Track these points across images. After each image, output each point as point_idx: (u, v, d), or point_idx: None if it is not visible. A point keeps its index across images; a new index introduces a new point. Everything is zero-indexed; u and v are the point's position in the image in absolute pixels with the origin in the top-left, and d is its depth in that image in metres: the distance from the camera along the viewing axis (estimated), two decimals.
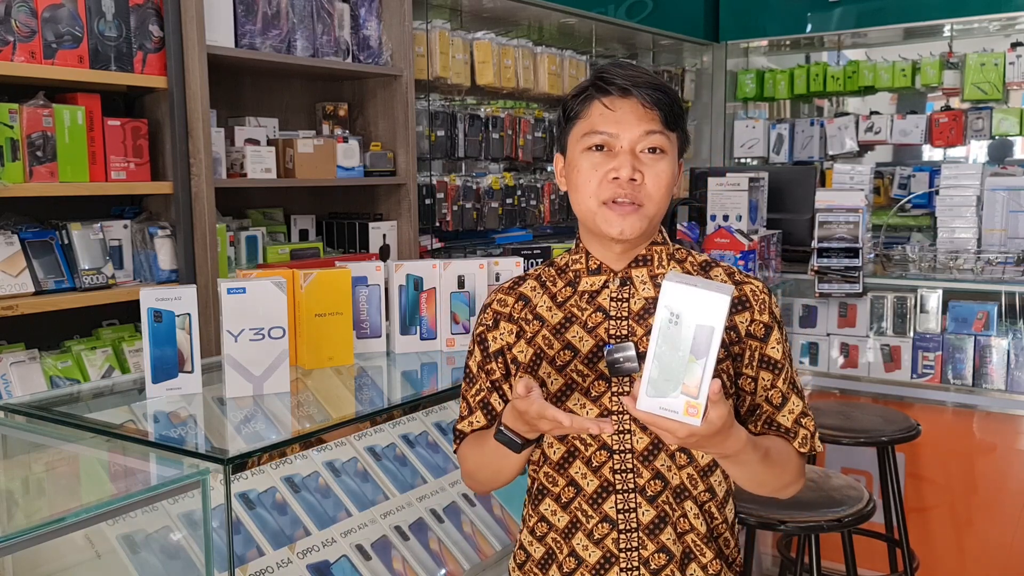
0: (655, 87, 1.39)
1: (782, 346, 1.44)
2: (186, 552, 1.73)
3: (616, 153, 1.38)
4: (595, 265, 1.47)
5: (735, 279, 1.45)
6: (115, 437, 1.68)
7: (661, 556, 1.41)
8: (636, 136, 1.38)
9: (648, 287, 1.44)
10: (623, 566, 1.41)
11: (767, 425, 1.45)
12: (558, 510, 1.46)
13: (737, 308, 1.42)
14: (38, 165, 2.48)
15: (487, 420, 1.53)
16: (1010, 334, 3.35)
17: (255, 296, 1.85)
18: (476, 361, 1.54)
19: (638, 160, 1.38)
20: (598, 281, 1.46)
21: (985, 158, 5.70)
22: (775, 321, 1.44)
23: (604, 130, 1.39)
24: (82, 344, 2.68)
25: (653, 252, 1.46)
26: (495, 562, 2.11)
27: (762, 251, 3.51)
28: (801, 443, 1.44)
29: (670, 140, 1.40)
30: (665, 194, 1.40)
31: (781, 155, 5.85)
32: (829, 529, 2.45)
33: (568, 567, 1.45)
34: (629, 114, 1.38)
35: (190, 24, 2.72)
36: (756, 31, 5.92)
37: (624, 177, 1.37)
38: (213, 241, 2.79)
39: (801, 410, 1.45)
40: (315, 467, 2.10)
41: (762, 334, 1.43)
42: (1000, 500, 3.37)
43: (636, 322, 1.42)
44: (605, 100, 1.39)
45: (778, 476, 1.42)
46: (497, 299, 1.53)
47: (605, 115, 1.39)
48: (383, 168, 3.47)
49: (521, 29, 4.91)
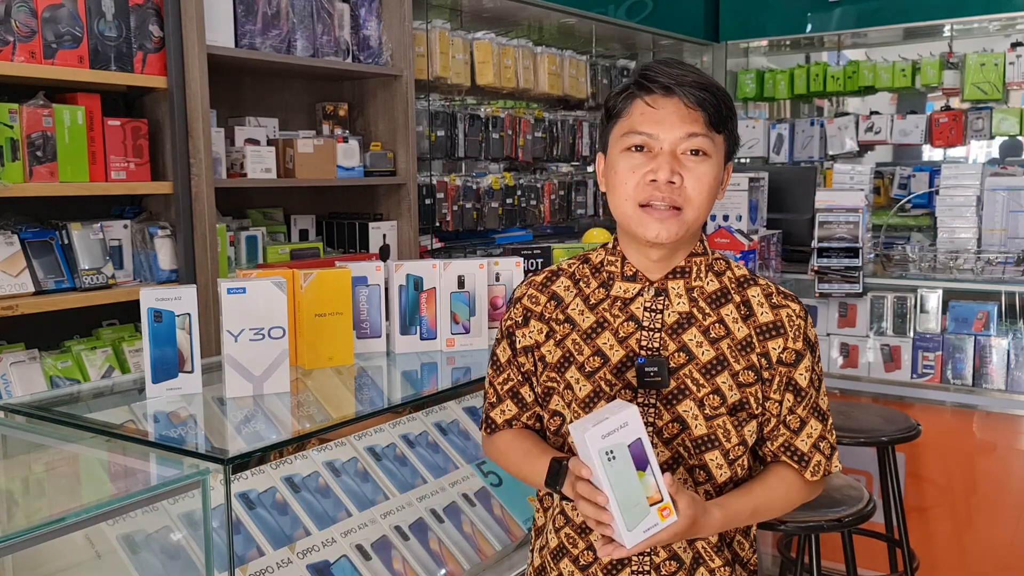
0: (701, 86, 1.34)
1: (810, 373, 1.42)
2: (186, 552, 1.73)
3: (656, 155, 1.34)
4: (631, 272, 1.43)
5: (772, 302, 1.42)
6: (115, 437, 1.68)
7: (672, 563, 1.42)
8: (677, 137, 1.33)
9: (683, 301, 1.41)
10: (635, 568, 1.42)
11: (783, 449, 1.44)
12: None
13: (771, 334, 1.40)
14: (38, 165, 2.48)
15: (518, 408, 1.53)
16: (1010, 334, 3.35)
17: (255, 296, 1.85)
18: (505, 353, 1.53)
19: (678, 162, 1.33)
20: (632, 288, 1.43)
21: (995, 156, 5.70)
22: (808, 347, 1.42)
23: (644, 130, 1.34)
24: (82, 344, 2.67)
25: (692, 264, 1.42)
26: (495, 562, 2.11)
27: (762, 251, 3.51)
28: (813, 471, 1.44)
29: (715, 143, 1.35)
30: (706, 199, 1.35)
31: (781, 155, 5.85)
32: (829, 529, 2.45)
33: (584, 560, 1.45)
34: (671, 114, 1.33)
35: (190, 24, 2.72)
36: (756, 31, 5.92)
37: (662, 180, 1.32)
38: (213, 241, 2.79)
39: (820, 434, 1.44)
40: (315, 467, 2.10)
41: (792, 360, 1.41)
42: (1000, 500, 3.37)
43: (669, 335, 1.40)
44: (647, 99, 1.34)
45: (775, 513, 1.46)
46: (528, 295, 1.50)
47: (646, 114, 1.34)
48: (383, 168, 3.47)
49: (521, 29, 4.91)
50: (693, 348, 1.39)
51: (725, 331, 1.40)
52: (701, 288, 1.42)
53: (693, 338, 1.39)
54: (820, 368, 1.46)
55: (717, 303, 1.42)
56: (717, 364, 1.39)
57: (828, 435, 1.46)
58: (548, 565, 1.51)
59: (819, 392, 1.45)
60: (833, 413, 3.07)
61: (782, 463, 1.45)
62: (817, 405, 1.45)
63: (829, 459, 1.46)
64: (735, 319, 1.40)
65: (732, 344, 1.39)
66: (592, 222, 4.88)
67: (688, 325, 1.40)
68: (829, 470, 1.46)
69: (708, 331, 1.40)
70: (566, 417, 1.46)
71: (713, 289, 1.43)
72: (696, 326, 1.40)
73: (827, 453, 1.45)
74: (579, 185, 4.95)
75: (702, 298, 1.42)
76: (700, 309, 1.41)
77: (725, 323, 1.40)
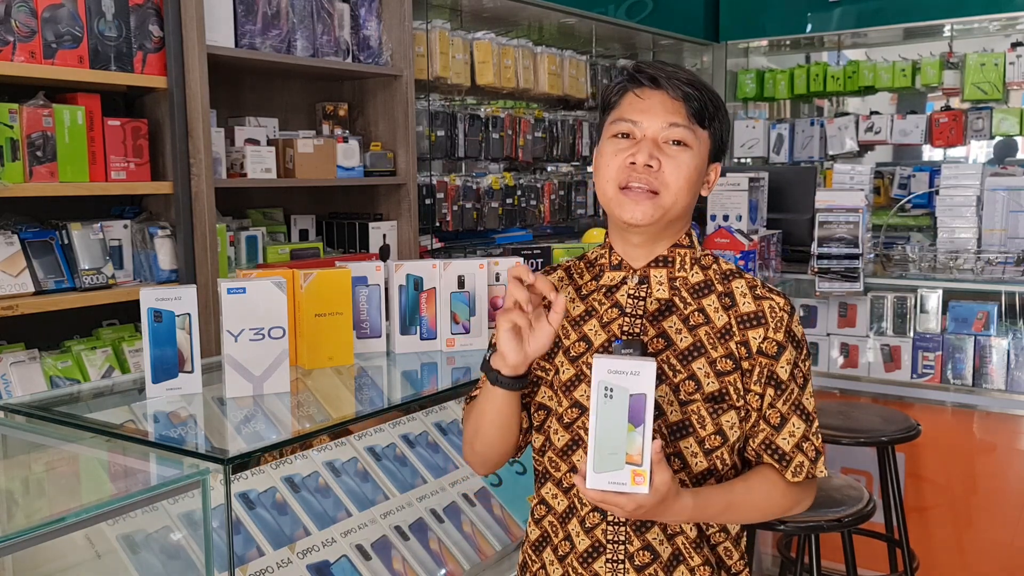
0: (688, 82, 1.39)
1: (791, 367, 1.41)
2: (186, 552, 1.73)
3: (638, 141, 1.39)
4: (616, 261, 1.48)
5: (756, 293, 1.43)
6: (115, 437, 1.68)
7: (646, 554, 1.41)
8: (659, 126, 1.38)
9: (664, 289, 1.44)
10: (609, 556, 1.42)
11: (764, 446, 1.43)
12: (559, 494, 1.47)
13: (752, 323, 1.40)
14: (38, 165, 2.48)
15: None
16: (1010, 334, 3.35)
17: (255, 296, 1.85)
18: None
19: (659, 149, 1.38)
20: (617, 277, 1.47)
21: (989, 156, 5.70)
22: (791, 341, 1.41)
23: (629, 118, 1.40)
24: (82, 344, 2.67)
25: (676, 254, 1.45)
26: (495, 562, 2.11)
27: (762, 251, 3.51)
28: (794, 472, 1.41)
29: (697, 136, 1.40)
30: (684, 186, 1.39)
31: (781, 155, 5.85)
32: (829, 529, 2.45)
33: (563, 550, 1.46)
34: (657, 104, 1.39)
35: (190, 24, 2.72)
36: (756, 31, 5.92)
37: (640, 162, 1.37)
38: (213, 241, 2.79)
39: (803, 434, 1.42)
40: (315, 467, 2.10)
41: (774, 352, 1.40)
42: (1000, 500, 3.37)
43: (650, 322, 1.42)
44: (636, 90, 1.41)
45: (754, 514, 1.43)
46: None
47: (634, 104, 1.40)
48: (383, 168, 3.47)
49: (521, 29, 4.91)
50: (672, 335, 1.41)
51: (705, 319, 1.42)
52: (685, 279, 1.45)
53: (672, 325, 1.42)
54: (807, 368, 1.44)
55: (699, 294, 1.44)
56: (694, 350, 1.40)
57: (813, 437, 1.43)
58: (530, 559, 1.52)
59: (803, 391, 1.43)
60: (833, 413, 3.10)
61: (765, 464, 1.44)
62: (801, 404, 1.42)
63: (814, 463, 1.42)
64: (716, 308, 1.42)
65: (711, 331, 1.41)
66: (592, 222, 4.88)
67: (669, 313, 1.43)
68: (813, 473, 1.42)
69: (688, 319, 1.42)
70: (552, 409, 1.47)
71: (696, 280, 1.45)
72: (676, 314, 1.42)
73: (811, 456, 1.42)
74: (579, 185, 4.95)
75: (684, 288, 1.44)
76: (682, 299, 1.44)
77: (706, 312, 1.42)
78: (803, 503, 1.47)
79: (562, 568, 1.46)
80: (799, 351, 1.43)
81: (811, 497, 1.48)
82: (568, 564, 1.45)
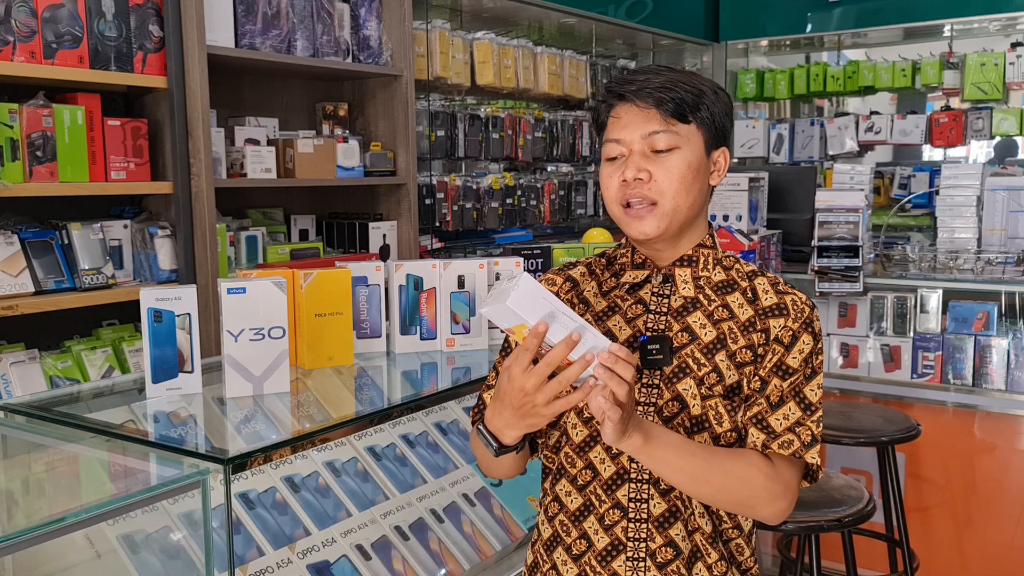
0: (658, 86, 1.39)
1: (803, 356, 1.39)
2: (186, 552, 1.73)
3: (626, 157, 1.42)
4: (640, 259, 1.50)
5: (778, 289, 1.44)
6: (115, 437, 1.68)
7: (668, 550, 1.41)
8: (638, 139, 1.40)
9: (689, 287, 1.45)
10: (630, 555, 1.41)
11: (755, 420, 1.38)
12: (573, 491, 1.46)
13: (774, 314, 1.41)
14: (38, 165, 2.48)
15: None
16: (1010, 334, 3.35)
17: (255, 296, 1.85)
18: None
19: (647, 159, 1.40)
20: (641, 275, 1.48)
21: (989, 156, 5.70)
22: (808, 331, 1.41)
23: (614, 137, 1.43)
24: (82, 344, 2.67)
25: (700, 254, 1.47)
26: (495, 562, 2.11)
27: (762, 251, 3.51)
28: (781, 445, 1.36)
29: (681, 134, 1.40)
30: (680, 188, 1.39)
31: (781, 155, 5.85)
32: (829, 529, 2.45)
33: (578, 549, 1.45)
34: (633, 118, 1.41)
35: (190, 24, 2.72)
36: (756, 31, 5.92)
37: (630, 178, 1.39)
38: (213, 241, 2.79)
39: (798, 419, 1.38)
40: (315, 467, 2.10)
41: (788, 340, 1.40)
42: (1000, 500, 3.37)
43: (674, 318, 1.44)
44: (612, 111, 1.44)
45: (725, 480, 1.34)
46: (546, 278, 1.57)
47: (615, 123, 1.43)
48: (383, 168, 3.47)
49: (521, 29, 4.91)
50: (696, 329, 1.43)
51: (729, 314, 1.43)
52: (708, 278, 1.46)
53: (697, 320, 1.43)
54: (819, 364, 1.42)
55: (724, 291, 1.45)
56: (717, 343, 1.41)
57: (811, 425, 1.39)
58: (541, 559, 1.51)
59: (809, 381, 1.41)
60: (833, 413, 3.11)
61: (753, 450, 1.38)
62: (802, 392, 1.40)
63: (806, 447, 1.37)
64: (740, 304, 1.44)
65: (735, 325, 1.42)
66: (592, 222, 4.88)
67: (693, 309, 1.44)
68: (801, 455, 1.37)
69: (712, 314, 1.43)
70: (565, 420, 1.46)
71: (720, 279, 1.46)
72: (701, 310, 1.44)
73: (804, 440, 1.37)
74: (579, 185, 4.95)
75: (708, 286, 1.46)
76: (706, 296, 1.45)
77: (730, 307, 1.44)
78: (776, 502, 1.37)
79: (577, 568, 1.45)
80: (815, 342, 1.42)
81: (793, 488, 1.39)
82: (585, 563, 1.44)
